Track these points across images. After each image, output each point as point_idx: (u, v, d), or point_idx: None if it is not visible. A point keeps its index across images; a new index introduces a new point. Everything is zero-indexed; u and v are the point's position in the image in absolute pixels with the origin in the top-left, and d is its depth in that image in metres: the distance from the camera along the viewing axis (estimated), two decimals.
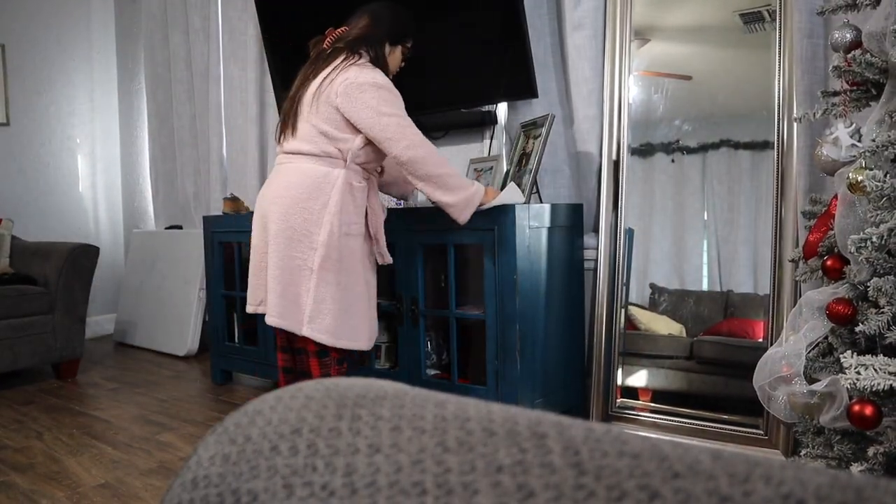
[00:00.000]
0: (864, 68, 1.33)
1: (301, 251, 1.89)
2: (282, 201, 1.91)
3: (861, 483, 0.23)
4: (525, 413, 0.32)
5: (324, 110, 1.91)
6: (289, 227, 1.89)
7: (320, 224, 1.89)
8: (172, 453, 2.19)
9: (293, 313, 1.90)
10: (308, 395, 0.37)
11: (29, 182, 4.13)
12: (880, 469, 1.22)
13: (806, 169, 1.95)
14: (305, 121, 1.94)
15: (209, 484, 0.34)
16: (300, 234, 1.89)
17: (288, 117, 1.99)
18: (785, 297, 2.01)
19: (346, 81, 1.89)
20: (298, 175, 1.92)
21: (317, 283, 1.88)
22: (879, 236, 1.17)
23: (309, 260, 1.89)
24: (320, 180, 1.90)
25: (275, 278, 1.90)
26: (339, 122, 1.91)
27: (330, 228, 1.88)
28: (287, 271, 1.89)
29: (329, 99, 1.90)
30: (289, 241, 1.89)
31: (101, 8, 4.48)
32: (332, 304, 1.90)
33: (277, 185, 1.95)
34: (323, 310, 1.89)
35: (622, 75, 2.36)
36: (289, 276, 1.89)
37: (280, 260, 1.89)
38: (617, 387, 2.33)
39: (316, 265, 1.88)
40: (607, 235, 2.36)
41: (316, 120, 1.91)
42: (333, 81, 1.90)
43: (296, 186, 1.90)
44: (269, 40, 3.23)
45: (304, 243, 1.89)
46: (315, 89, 1.93)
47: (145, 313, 3.94)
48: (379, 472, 0.30)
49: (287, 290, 1.90)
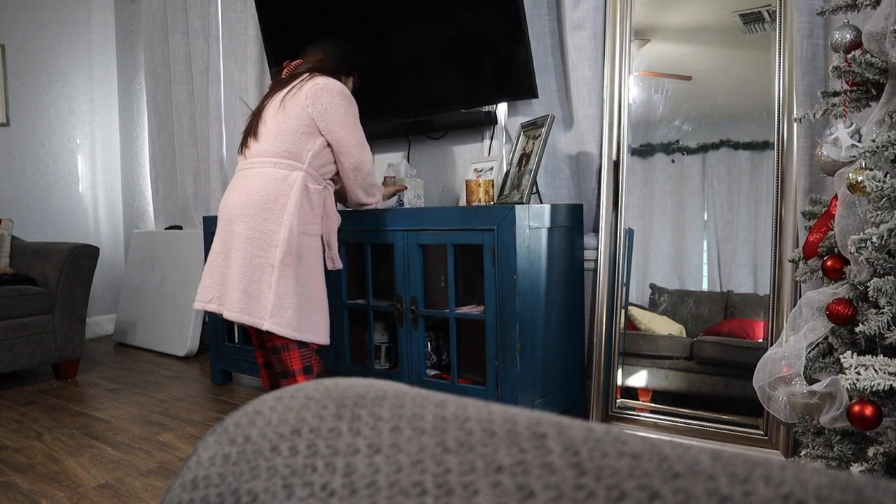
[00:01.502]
0: (864, 69, 1.33)
1: (263, 249, 2.02)
2: (246, 205, 2.04)
3: (861, 483, 0.23)
4: (525, 413, 0.32)
5: (291, 111, 2.07)
6: (252, 228, 2.02)
7: (280, 223, 2.02)
8: (172, 453, 2.19)
9: (255, 309, 2.01)
10: (308, 396, 0.37)
11: (29, 182, 4.13)
12: (880, 469, 1.22)
13: (806, 169, 1.95)
14: (269, 122, 2.09)
15: (209, 484, 0.34)
16: (262, 233, 2.02)
17: (250, 129, 2.15)
18: (785, 297, 2.01)
19: (316, 86, 2.07)
20: (261, 179, 2.06)
21: (277, 279, 2.00)
22: (879, 236, 1.17)
23: (270, 257, 2.01)
24: (280, 183, 2.04)
25: (238, 276, 2.01)
26: (304, 121, 2.07)
27: (290, 227, 2.02)
28: (250, 269, 2.01)
29: (297, 102, 2.07)
30: (251, 240, 2.02)
31: (101, 8, 4.48)
32: (293, 298, 2.02)
33: (240, 191, 2.08)
34: (284, 304, 2.01)
35: (622, 75, 2.36)
36: (251, 274, 2.01)
37: (243, 259, 2.01)
38: (617, 387, 2.33)
39: (277, 261, 2.01)
40: (607, 235, 2.36)
41: (282, 118, 2.07)
42: (302, 88, 2.09)
43: (259, 191, 2.04)
44: (269, 40, 3.23)
45: (265, 242, 2.02)
46: (281, 98, 2.10)
47: (145, 313, 3.94)
48: (379, 472, 0.30)
49: (250, 287, 2.01)
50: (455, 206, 2.34)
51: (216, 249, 2.12)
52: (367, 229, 2.44)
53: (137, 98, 4.46)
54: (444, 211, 2.25)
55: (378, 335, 2.58)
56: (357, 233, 2.45)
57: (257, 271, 2.01)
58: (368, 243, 2.47)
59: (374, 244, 2.48)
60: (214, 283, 2.11)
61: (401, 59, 2.80)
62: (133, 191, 4.55)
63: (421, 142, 3.01)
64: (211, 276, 2.12)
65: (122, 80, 4.55)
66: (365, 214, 2.43)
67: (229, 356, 3.02)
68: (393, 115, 2.90)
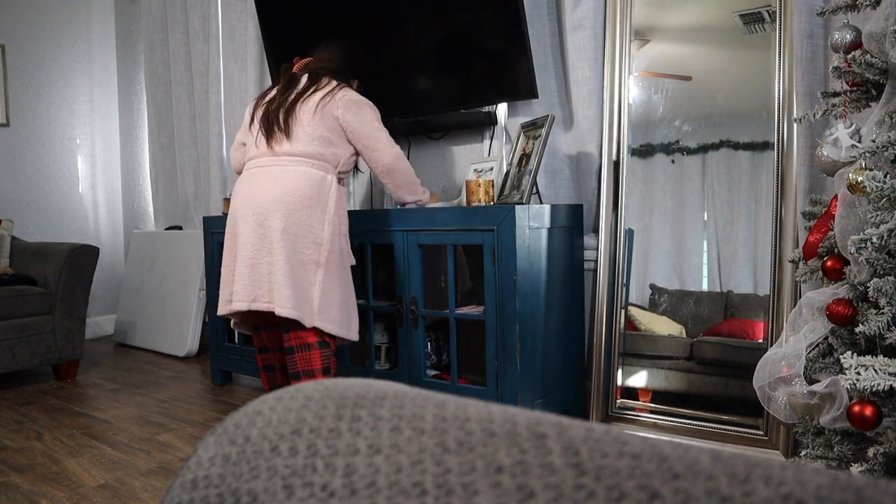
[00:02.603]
0: (864, 69, 1.33)
1: (307, 247, 2.05)
2: (284, 199, 2.05)
3: (861, 483, 0.23)
4: (525, 413, 0.32)
5: (328, 120, 2.13)
6: (294, 224, 2.04)
7: (324, 222, 2.08)
8: (172, 454, 2.19)
9: (304, 306, 2.04)
10: (308, 396, 0.37)
11: (29, 182, 4.13)
12: (880, 470, 1.22)
13: (806, 169, 1.95)
14: (306, 126, 2.12)
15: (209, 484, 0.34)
16: (305, 229, 2.04)
17: (279, 123, 2.14)
18: (785, 297, 2.01)
19: (346, 98, 2.16)
20: (300, 177, 2.08)
21: (323, 278, 2.06)
22: (879, 237, 1.16)
23: (314, 254, 2.06)
24: (320, 183, 2.10)
25: (283, 272, 2.01)
26: (338, 130, 2.15)
27: (332, 227, 2.08)
28: (294, 265, 2.03)
29: (330, 110, 2.13)
30: (296, 237, 2.04)
31: (101, 8, 4.48)
32: (337, 296, 2.09)
33: (275, 185, 2.06)
34: (329, 301, 2.07)
35: (622, 76, 2.36)
36: (297, 270, 2.03)
37: (289, 256, 2.02)
38: (617, 387, 2.33)
39: (323, 259, 2.06)
40: (607, 236, 2.36)
41: (317, 126, 2.12)
42: (335, 97, 2.16)
43: (300, 187, 2.06)
44: (269, 40, 3.23)
45: (307, 238, 2.05)
46: (318, 101, 2.14)
47: (145, 314, 3.94)
48: (379, 472, 0.30)
49: (297, 284, 2.03)
50: (455, 207, 2.34)
51: (250, 245, 2.04)
52: (367, 229, 2.44)
53: (137, 98, 4.46)
54: (444, 211, 2.25)
55: (378, 335, 2.58)
56: (357, 233, 2.45)
57: (300, 268, 2.03)
58: (368, 243, 2.47)
59: (374, 244, 2.47)
60: (256, 281, 2.03)
61: (401, 60, 2.80)
62: (133, 191, 4.55)
63: (421, 142, 3.01)
64: (251, 273, 2.03)
65: (122, 80, 4.55)
66: (365, 214, 2.44)
67: (229, 356, 3.02)
68: (393, 115, 2.90)
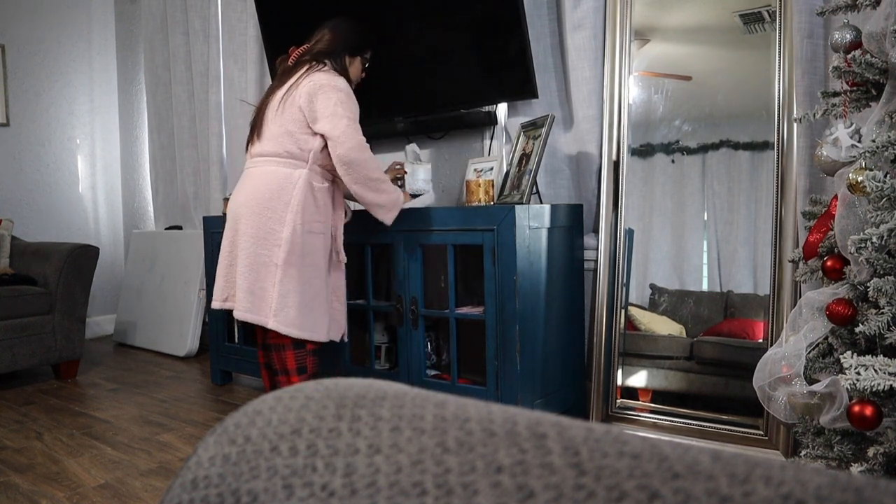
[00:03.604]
0: (864, 69, 1.33)
1: (267, 248, 2.04)
2: (250, 203, 2.07)
3: (861, 483, 0.23)
4: (525, 413, 0.32)
5: (289, 112, 2.07)
6: (255, 226, 2.05)
7: (283, 222, 2.04)
8: (172, 454, 2.19)
9: (260, 307, 2.04)
10: (308, 396, 0.37)
11: (29, 182, 4.13)
12: (880, 469, 1.22)
13: (806, 169, 1.95)
14: (271, 123, 2.10)
15: (209, 484, 0.34)
16: (265, 232, 2.04)
17: (255, 126, 2.16)
18: (785, 297, 2.01)
19: (311, 83, 2.06)
20: (264, 177, 2.08)
21: (281, 278, 2.03)
22: (879, 237, 1.16)
23: (274, 256, 2.04)
24: (283, 181, 2.06)
25: (243, 275, 2.05)
26: (301, 121, 2.06)
27: (293, 226, 2.03)
28: (255, 268, 2.04)
29: (294, 101, 2.07)
30: (255, 239, 2.04)
31: (101, 8, 4.48)
32: (296, 297, 2.04)
33: (246, 189, 2.11)
34: (287, 303, 2.03)
35: (622, 76, 2.36)
36: (256, 273, 2.04)
37: (248, 257, 2.05)
38: (617, 387, 2.33)
39: (281, 260, 2.03)
40: (607, 236, 2.36)
41: (281, 121, 2.07)
42: (299, 86, 2.07)
43: (262, 189, 2.06)
44: (269, 40, 3.23)
45: (269, 241, 2.04)
46: (282, 95, 2.10)
47: (145, 314, 3.94)
48: (379, 472, 0.30)
49: (254, 286, 2.04)
50: (455, 206, 2.34)
51: (225, 248, 2.15)
52: (367, 229, 2.44)
53: (137, 98, 4.46)
54: (444, 211, 2.25)
55: (378, 335, 2.58)
56: (357, 233, 2.44)
57: (262, 270, 2.04)
58: (368, 243, 2.47)
59: (374, 244, 2.47)
60: (228, 282, 2.14)
61: (401, 59, 2.79)
62: (133, 191, 4.55)
63: (421, 142, 3.00)
64: (224, 275, 2.15)
65: (122, 80, 4.55)
66: (365, 213, 2.38)
67: (229, 356, 3.02)
68: (393, 115, 2.90)
